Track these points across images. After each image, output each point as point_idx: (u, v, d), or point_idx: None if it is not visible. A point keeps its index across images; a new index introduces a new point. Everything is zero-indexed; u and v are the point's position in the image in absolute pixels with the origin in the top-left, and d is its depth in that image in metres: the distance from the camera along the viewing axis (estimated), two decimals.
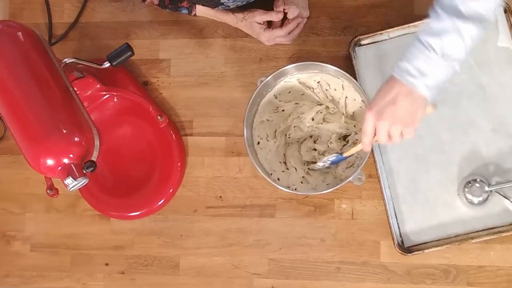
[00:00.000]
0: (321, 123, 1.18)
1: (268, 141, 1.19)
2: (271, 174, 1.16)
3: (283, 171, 1.18)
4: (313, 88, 1.18)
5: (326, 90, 1.18)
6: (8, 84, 0.99)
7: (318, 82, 1.18)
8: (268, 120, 1.19)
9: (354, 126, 1.16)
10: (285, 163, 1.19)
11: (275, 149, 1.18)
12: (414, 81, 0.88)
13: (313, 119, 1.17)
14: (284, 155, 1.19)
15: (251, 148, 1.16)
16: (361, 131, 0.98)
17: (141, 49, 1.28)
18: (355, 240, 1.19)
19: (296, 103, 1.19)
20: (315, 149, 1.18)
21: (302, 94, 1.19)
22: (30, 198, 1.31)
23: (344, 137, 1.18)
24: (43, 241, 1.30)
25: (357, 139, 1.16)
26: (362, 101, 1.14)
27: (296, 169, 1.17)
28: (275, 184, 1.12)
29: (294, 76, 1.17)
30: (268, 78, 1.14)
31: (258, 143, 1.18)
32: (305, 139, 1.20)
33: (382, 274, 1.18)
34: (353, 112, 1.17)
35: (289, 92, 1.19)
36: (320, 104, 1.18)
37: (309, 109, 1.18)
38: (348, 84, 1.15)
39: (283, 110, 1.20)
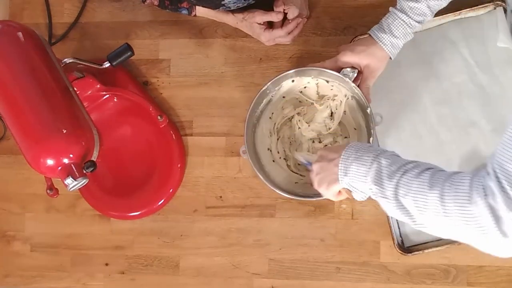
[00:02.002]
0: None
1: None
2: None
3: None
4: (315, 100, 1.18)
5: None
6: (8, 84, 0.99)
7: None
8: (270, 118, 1.19)
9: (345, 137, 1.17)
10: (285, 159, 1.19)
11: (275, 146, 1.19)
12: None
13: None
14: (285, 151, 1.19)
15: (249, 142, 1.15)
16: None
17: (141, 49, 1.28)
18: (355, 240, 1.19)
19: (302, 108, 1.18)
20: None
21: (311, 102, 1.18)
22: (30, 198, 1.31)
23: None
24: (43, 241, 1.30)
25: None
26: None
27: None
28: (266, 182, 1.11)
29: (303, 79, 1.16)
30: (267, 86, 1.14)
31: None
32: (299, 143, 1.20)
33: (382, 274, 1.18)
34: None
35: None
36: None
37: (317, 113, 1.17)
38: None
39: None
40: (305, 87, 1.17)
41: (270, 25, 1.20)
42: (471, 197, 0.76)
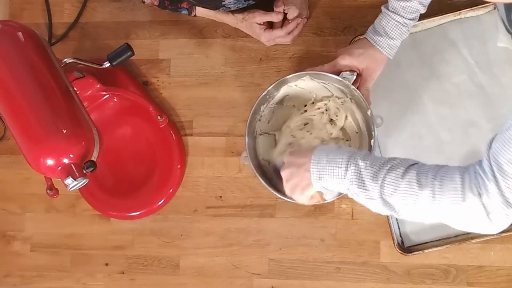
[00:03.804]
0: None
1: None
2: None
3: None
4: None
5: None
6: (8, 84, 0.99)
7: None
8: (269, 123, 1.19)
9: (346, 140, 1.16)
10: None
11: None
12: None
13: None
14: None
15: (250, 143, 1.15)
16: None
17: (141, 49, 1.28)
18: (355, 240, 1.19)
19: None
20: None
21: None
22: (30, 198, 1.31)
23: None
24: (43, 241, 1.30)
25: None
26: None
27: None
28: (266, 186, 1.11)
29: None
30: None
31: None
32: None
33: (382, 274, 1.18)
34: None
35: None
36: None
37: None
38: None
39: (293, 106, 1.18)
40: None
41: (270, 25, 1.21)
42: (464, 195, 0.78)
